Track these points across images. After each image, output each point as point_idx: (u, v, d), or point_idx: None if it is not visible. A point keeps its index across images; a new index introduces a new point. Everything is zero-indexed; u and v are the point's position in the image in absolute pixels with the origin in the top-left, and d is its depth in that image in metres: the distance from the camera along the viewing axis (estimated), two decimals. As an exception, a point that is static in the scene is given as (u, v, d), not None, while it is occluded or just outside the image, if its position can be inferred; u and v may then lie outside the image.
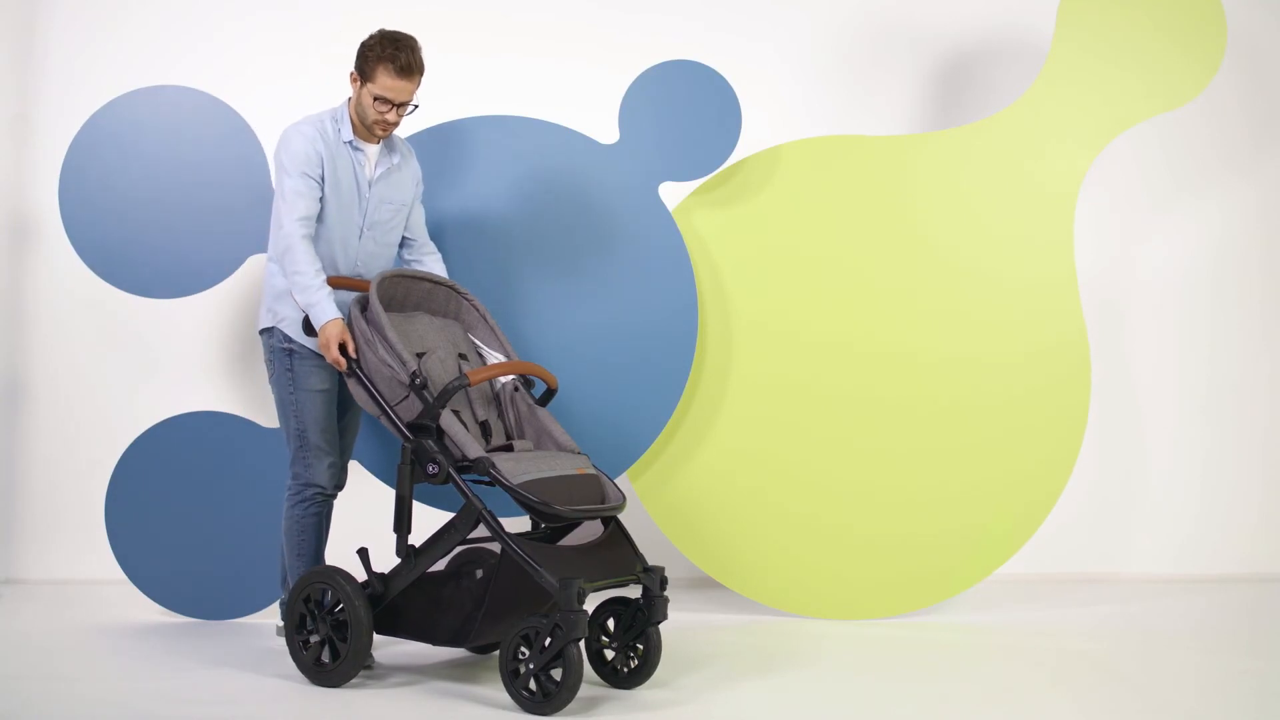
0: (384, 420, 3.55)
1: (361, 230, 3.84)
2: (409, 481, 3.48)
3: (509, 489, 3.32)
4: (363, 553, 3.55)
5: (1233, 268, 5.40)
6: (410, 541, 3.49)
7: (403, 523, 3.49)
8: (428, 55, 5.00)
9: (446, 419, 3.46)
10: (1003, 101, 5.13)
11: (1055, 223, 4.44)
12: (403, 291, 3.77)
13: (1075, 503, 5.03)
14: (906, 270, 4.47)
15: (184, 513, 4.26)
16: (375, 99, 3.70)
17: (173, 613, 4.34)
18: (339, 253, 3.82)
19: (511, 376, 3.80)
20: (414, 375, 3.47)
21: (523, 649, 3.25)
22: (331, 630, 3.49)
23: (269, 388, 3.94)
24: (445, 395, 3.44)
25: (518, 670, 3.26)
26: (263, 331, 3.86)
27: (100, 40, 4.98)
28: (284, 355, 3.80)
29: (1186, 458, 5.37)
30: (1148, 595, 4.94)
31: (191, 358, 4.97)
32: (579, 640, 3.21)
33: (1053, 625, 4.40)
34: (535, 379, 3.83)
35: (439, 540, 3.46)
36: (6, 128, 4.95)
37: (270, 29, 5.06)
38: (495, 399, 3.81)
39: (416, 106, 3.80)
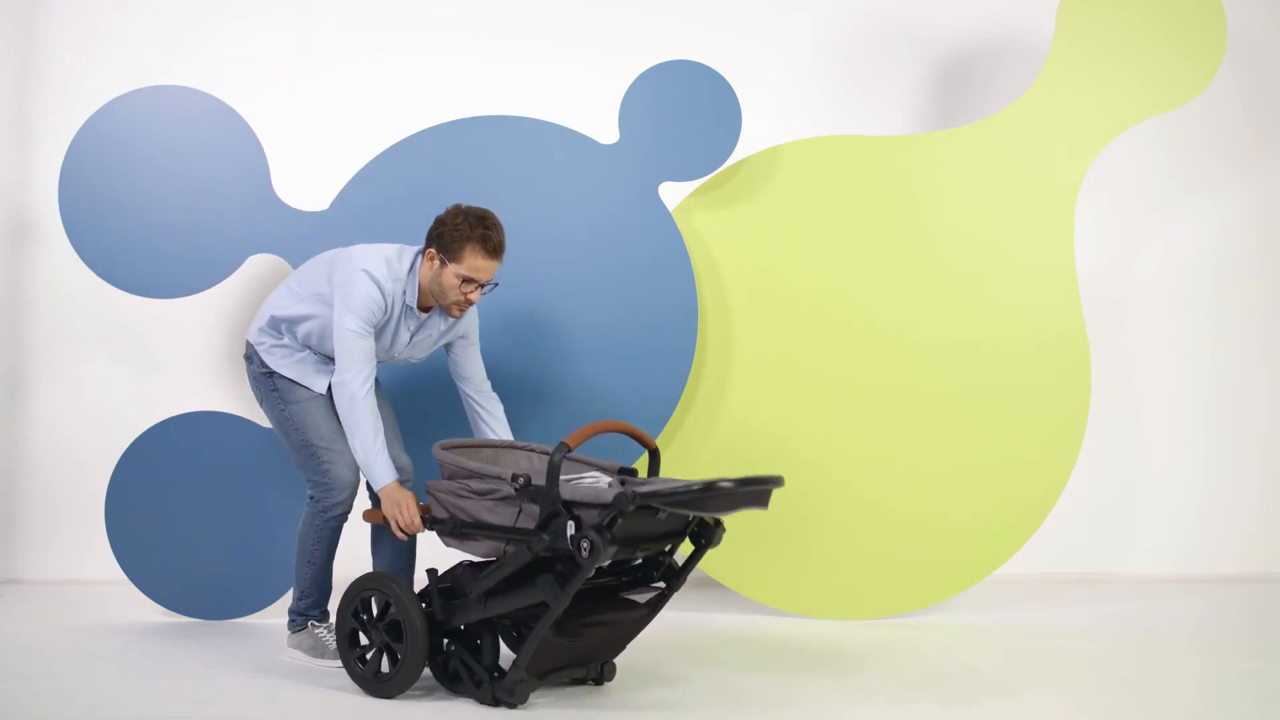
0: (512, 549, 3.22)
1: (386, 360, 3.77)
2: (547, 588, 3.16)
3: (667, 498, 3.02)
4: (432, 574, 3.38)
5: (1233, 268, 5.40)
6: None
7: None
8: (428, 54, 5.06)
9: (565, 490, 3.12)
10: (1003, 101, 5.13)
11: (1055, 223, 4.44)
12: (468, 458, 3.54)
13: (1075, 503, 5.03)
14: (906, 271, 4.47)
15: (184, 513, 4.26)
16: (462, 280, 3.56)
17: (173, 613, 4.34)
18: None
19: (609, 478, 3.43)
20: (515, 477, 3.15)
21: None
22: (386, 635, 3.39)
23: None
24: (553, 472, 3.12)
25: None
26: (245, 357, 3.83)
27: (100, 40, 4.98)
28: (264, 378, 3.77)
29: (1186, 458, 5.37)
30: (1148, 595, 4.94)
31: (191, 358, 4.97)
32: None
33: (1053, 625, 4.40)
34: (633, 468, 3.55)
35: (513, 591, 3.24)
36: (6, 128, 4.95)
37: (270, 29, 5.06)
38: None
39: (496, 284, 3.68)
